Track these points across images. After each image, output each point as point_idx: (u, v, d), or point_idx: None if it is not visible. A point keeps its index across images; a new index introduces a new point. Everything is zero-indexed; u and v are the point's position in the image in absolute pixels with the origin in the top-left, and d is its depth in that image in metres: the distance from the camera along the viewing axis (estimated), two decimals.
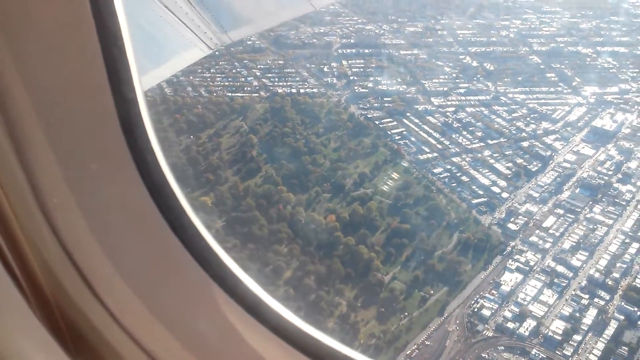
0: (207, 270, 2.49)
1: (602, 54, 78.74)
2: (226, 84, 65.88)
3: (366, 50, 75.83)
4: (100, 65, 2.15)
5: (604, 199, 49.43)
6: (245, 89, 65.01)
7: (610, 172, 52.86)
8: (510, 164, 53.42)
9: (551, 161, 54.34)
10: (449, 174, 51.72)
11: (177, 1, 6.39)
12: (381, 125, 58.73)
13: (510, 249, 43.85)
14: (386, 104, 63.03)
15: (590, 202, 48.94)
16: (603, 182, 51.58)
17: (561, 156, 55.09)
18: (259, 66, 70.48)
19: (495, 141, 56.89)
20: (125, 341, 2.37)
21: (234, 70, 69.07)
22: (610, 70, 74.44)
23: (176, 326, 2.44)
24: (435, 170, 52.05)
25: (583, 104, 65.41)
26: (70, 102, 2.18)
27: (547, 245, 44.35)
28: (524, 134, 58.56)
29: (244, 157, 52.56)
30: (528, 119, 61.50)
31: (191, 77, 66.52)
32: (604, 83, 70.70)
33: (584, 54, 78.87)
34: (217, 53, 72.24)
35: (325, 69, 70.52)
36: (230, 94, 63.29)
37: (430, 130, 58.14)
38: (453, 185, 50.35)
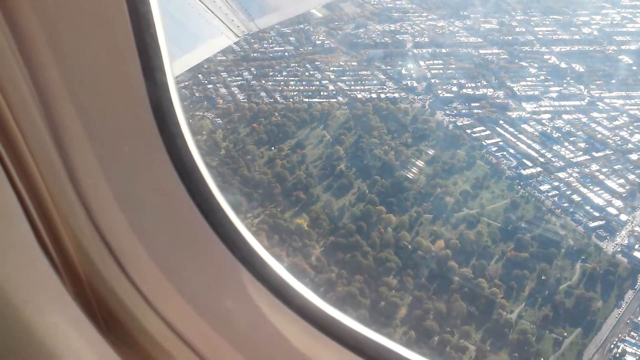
0: (234, 253, 2.54)
1: None
2: (301, 88, 62.14)
3: (443, 50, 71.25)
4: (132, 50, 2.17)
5: None
6: (322, 93, 61.19)
7: None
8: (622, 181, 48.76)
9: None
10: (557, 192, 47.32)
11: None
12: (474, 135, 54.44)
13: None
14: (475, 110, 58.65)
15: None
16: None
17: None
18: (331, 68, 66.53)
19: (601, 153, 52.18)
20: (153, 319, 2.41)
21: (306, 73, 65.28)
22: None
23: (202, 305, 2.48)
24: (542, 188, 47.69)
25: None
26: (103, 87, 2.22)
27: None
28: (630, 145, 53.73)
29: (333, 171, 48.93)
30: (631, 127, 56.60)
31: (263, 81, 63.04)
32: None
33: None
34: (286, 54, 68.88)
35: (403, 71, 66.24)
36: (307, 100, 59.59)
37: (529, 141, 53.67)
38: (564, 205, 45.96)
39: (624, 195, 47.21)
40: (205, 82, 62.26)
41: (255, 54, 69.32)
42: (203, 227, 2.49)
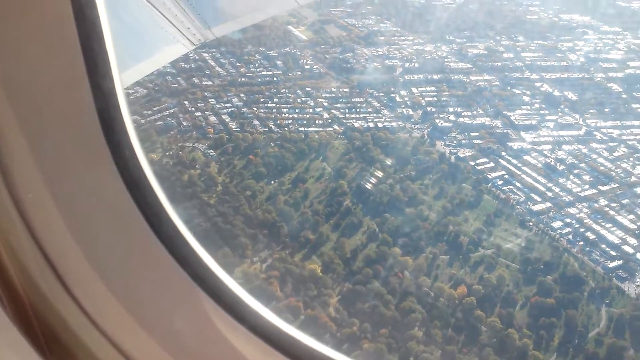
0: (185, 268, 2.44)
1: None
2: (295, 116, 59.64)
3: (434, 76, 70.01)
4: (78, 57, 2.10)
5: None
6: (317, 122, 58.86)
7: None
8: (632, 216, 47.91)
9: None
10: (571, 230, 46.07)
11: None
12: (478, 167, 52.96)
13: None
14: (475, 140, 57.27)
15: None
16: None
17: None
18: (324, 95, 64.32)
19: (607, 187, 51.35)
20: (101, 342, 2.31)
21: (299, 100, 62.87)
22: None
23: (153, 325, 2.38)
24: (554, 225, 46.37)
25: None
26: (47, 95, 2.14)
27: None
28: (633, 178, 53.10)
29: (339, 207, 46.51)
30: (632, 159, 56.10)
31: (255, 108, 60.32)
32: None
33: None
34: (275, 79, 66.33)
35: (397, 98, 64.54)
36: (303, 129, 57.10)
37: (533, 173, 52.46)
38: (580, 244, 44.66)
39: (637, 232, 46.21)
40: (193, 109, 59.12)
41: (242, 79, 66.54)
42: (152, 242, 2.36)
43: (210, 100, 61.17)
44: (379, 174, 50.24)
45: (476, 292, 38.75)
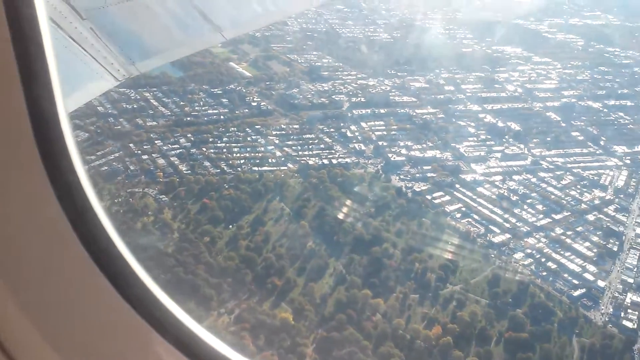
0: (137, 309, 2.34)
1: (612, 108, 77.45)
2: (247, 155, 58.25)
3: (381, 110, 70.45)
4: (15, 79, 2.07)
5: None
6: (270, 160, 57.62)
7: None
8: (588, 244, 49.15)
9: (624, 236, 50.44)
10: (532, 260, 46.68)
11: (82, 32, 6.02)
12: (435, 201, 53.09)
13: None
14: (428, 174, 57.58)
15: None
16: None
17: (631, 230, 51.36)
18: (274, 132, 63.32)
19: (560, 215, 52.65)
20: None
21: (249, 139, 61.53)
22: (629, 126, 72.97)
23: None
24: (516, 257, 46.81)
25: (621, 165, 62.72)
26: None
27: None
28: (583, 205, 54.75)
29: (302, 250, 45.19)
30: (579, 186, 57.94)
31: (204, 149, 58.50)
32: (629, 141, 68.81)
33: (595, 108, 77.27)
34: (222, 117, 64.81)
35: (348, 134, 64.39)
36: (256, 168, 55.70)
37: (489, 205, 53.15)
38: (543, 274, 45.23)
39: (594, 259, 47.35)
40: (139, 152, 56.65)
41: (188, 118, 64.66)
42: (100, 282, 2.21)
43: (156, 141, 58.90)
44: (340, 213, 49.35)
45: (451, 331, 38.18)
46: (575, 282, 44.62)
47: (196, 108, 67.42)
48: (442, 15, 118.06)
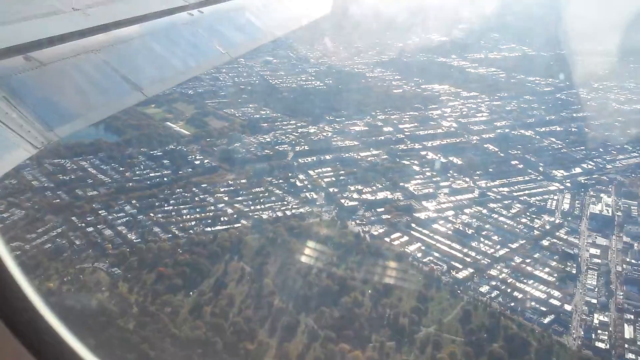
0: None
1: (543, 135, 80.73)
2: (197, 216, 56.52)
3: (327, 157, 70.59)
4: None
5: None
6: (223, 219, 56.06)
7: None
8: (547, 269, 50.07)
9: (579, 258, 51.80)
10: (498, 292, 46.96)
11: None
12: (395, 243, 52.94)
13: None
14: (383, 216, 57.60)
15: None
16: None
17: (585, 251, 52.87)
18: (222, 189, 61.90)
19: (516, 244, 53.56)
20: None
21: (197, 199, 59.88)
22: (562, 151, 76.00)
23: None
24: (482, 290, 47.01)
25: (563, 189, 64.98)
26: None
27: None
28: (536, 231, 56.02)
29: (270, 310, 43.68)
30: (528, 214, 59.43)
31: (152, 214, 56.37)
32: (565, 165, 71.69)
33: (528, 136, 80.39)
34: (165, 179, 62.98)
35: (297, 183, 63.84)
36: (209, 229, 54.04)
37: (447, 241, 53.52)
38: (511, 305, 45.52)
39: (556, 284, 48.13)
40: (83, 225, 53.88)
41: (130, 184, 62.43)
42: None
43: (100, 211, 56.33)
44: (302, 266, 48.29)
45: None
46: (543, 308, 45.11)
47: (137, 172, 65.31)
48: (368, 59, 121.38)
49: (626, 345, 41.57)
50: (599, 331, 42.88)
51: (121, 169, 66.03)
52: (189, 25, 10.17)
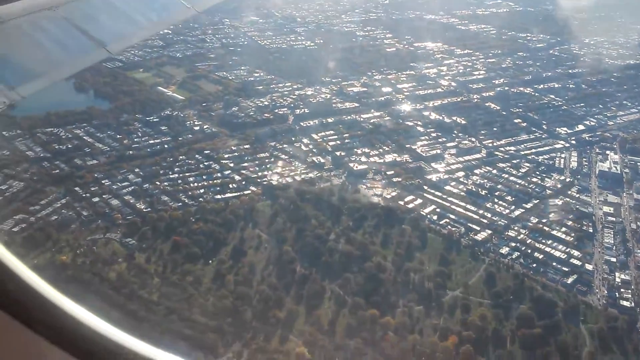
0: None
1: (542, 92, 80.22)
2: (204, 184, 54.91)
3: (329, 120, 69.18)
4: None
5: None
6: (231, 186, 54.60)
7: None
8: (565, 229, 49.91)
9: (593, 217, 51.72)
10: (518, 253, 46.64)
11: None
12: (408, 206, 52.19)
13: None
14: (393, 179, 56.67)
15: None
16: None
17: (599, 209, 52.82)
18: (226, 155, 60.23)
19: (530, 204, 53.22)
20: None
21: (201, 166, 58.15)
22: (563, 108, 75.66)
23: None
24: (502, 252, 46.66)
25: (569, 147, 64.72)
26: None
27: None
28: (548, 191, 55.69)
29: (294, 276, 42.85)
30: (537, 172, 59.12)
31: (157, 182, 54.60)
32: (568, 122, 71.43)
33: (527, 93, 79.86)
34: (166, 146, 61.02)
35: (303, 147, 62.33)
36: (220, 196, 52.59)
37: (461, 202, 52.93)
38: (533, 266, 45.32)
39: (575, 243, 48.02)
40: (87, 195, 51.98)
41: (130, 152, 60.25)
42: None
43: (103, 181, 54.39)
44: (321, 231, 47.33)
45: (468, 339, 37.19)
46: (565, 268, 44.97)
47: (135, 140, 63.14)
48: (357, 17, 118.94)
49: None
50: (622, 290, 42.95)
51: (118, 136, 63.82)
52: None
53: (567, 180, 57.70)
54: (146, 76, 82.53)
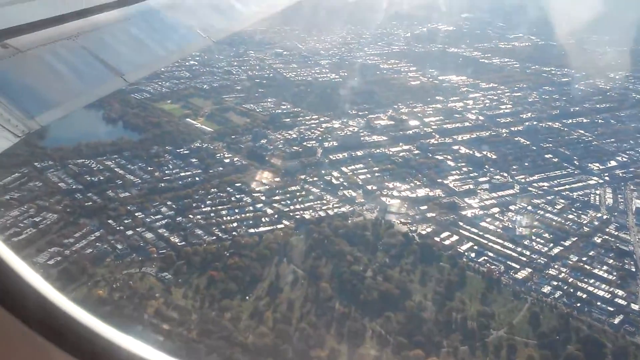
0: None
1: (571, 127, 79.60)
2: (237, 217, 54.45)
3: (358, 153, 68.94)
4: None
5: None
6: (264, 220, 54.16)
7: None
8: (606, 267, 48.95)
9: (634, 255, 50.70)
10: (561, 292, 45.62)
11: None
12: (445, 243, 51.38)
13: None
14: (427, 214, 56.01)
15: None
16: None
17: (638, 247, 51.69)
18: (257, 188, 59.97)
19: (568, 242, 52.33)
20: None
21: (233, 199, 57.82)
22: (593, 143, 74.93)
23: None
24: (544, 291, 45.64)
25: (603, 183, 63.86)
26: None
27: None
28: (585, 228, 54.70)
29: (333, 315, 42.08)
30: (573, 209, 58.16)
31: (190, 216, 54.23)
32: (599, 157, 70.58)
33: (556, 128, 79.20)
34: (197, 179, 60.84)
35: (333, 181, 61.92)
36: (253, 230, 52.11)
37: (499, 239, 52.12)
38: (577, 305, 44.28)
39: (618, 282, 46.95)
40: (121, 228, 51.70)
41: (162, 184, 60.04)
42: None
43: (136, 214, 54.15)
44: (357, 268, 46.67)
45: None
46: (610, 308, 43.87)
47: (166, 172, 63.01)
48: (380, 50, 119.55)
49: None
50: None
51: (149, 168, 63.64)
52: (168, 9, 10.20)
53: (604, 217, 56.72)
54: (174, 107, 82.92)
